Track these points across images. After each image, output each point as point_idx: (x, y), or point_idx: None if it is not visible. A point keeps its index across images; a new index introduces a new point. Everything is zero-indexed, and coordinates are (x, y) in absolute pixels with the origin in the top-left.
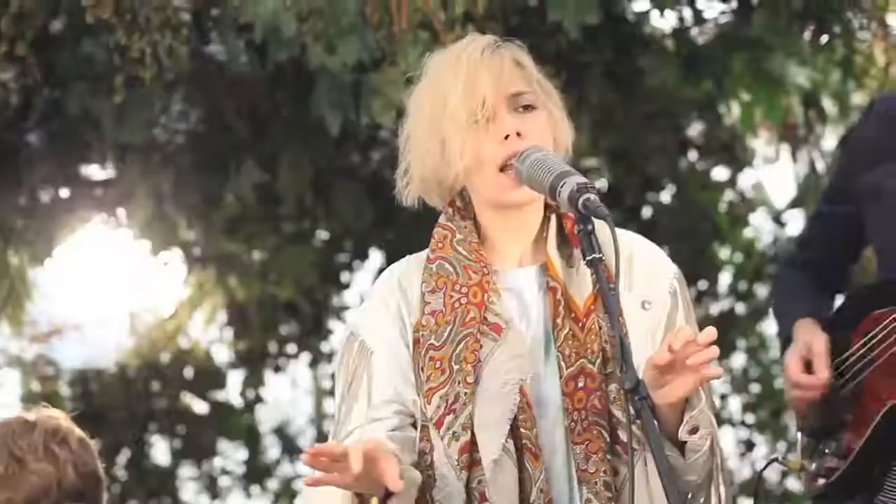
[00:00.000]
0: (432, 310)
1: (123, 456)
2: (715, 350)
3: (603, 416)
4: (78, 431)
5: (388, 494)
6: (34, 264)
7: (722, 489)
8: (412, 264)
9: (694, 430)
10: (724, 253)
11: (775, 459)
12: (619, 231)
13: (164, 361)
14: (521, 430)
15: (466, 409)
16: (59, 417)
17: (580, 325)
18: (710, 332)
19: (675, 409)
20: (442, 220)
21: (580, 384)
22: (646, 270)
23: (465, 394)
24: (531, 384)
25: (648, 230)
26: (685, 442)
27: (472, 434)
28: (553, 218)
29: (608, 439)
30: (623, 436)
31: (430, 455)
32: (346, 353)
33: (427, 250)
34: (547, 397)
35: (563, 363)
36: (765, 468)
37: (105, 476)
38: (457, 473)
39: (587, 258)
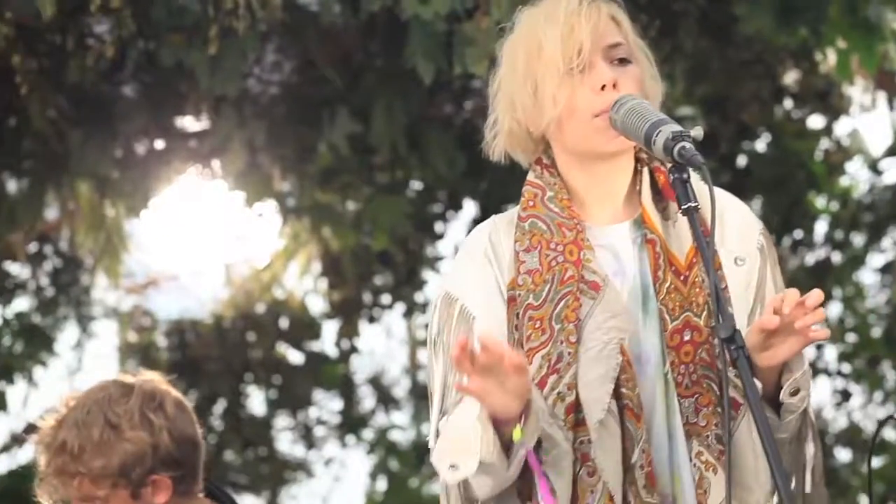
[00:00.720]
0: (528, 269)
1: (220, 406)
2: (822, 313)
3: (711, 369)
4: (175, 395)
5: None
6: (130, 216)
7: (810, 446)
8: (500, 223)
9: (794, 392)
10: (819, 202)
11: (891, 417)
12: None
13: (260, 312)
14: (623, 389)
15: (571, 370)
16: (157, 381)
17: (682, 278)
18: (818, 295)
19: (774, 371)
20: (530, 177)
21: (686, 338)
22: (736, 227)
23: (569, 353)
24: (629, 342)
25: (743, 179)
26: (780, 402)
27: (577, 394)
28: (645, 171)
29: (718, 392)
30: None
31: None
32: (446, 316)
33: (516, 208)
34: (646, 354)
35: (666, 316)
36: (882, 425)
37: (202, 436)
38: (564, 434)
39: (683, 206)
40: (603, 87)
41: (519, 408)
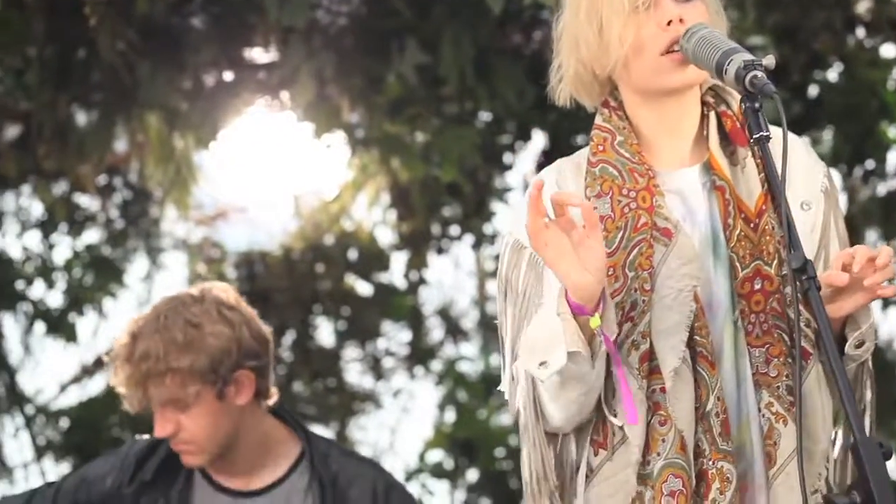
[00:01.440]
0: (600, 215)
1: (288, 338)
2: (892, 270)
3: (782, 319)
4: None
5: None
6: (199, 148)
7: (868, 392)
8: (567, 168)
9: (860, 345)
10: (892, 132)
11: None
12: (772, 128)
13: (328, 244)
14: (697, 337)
15: (645, 317)
16: (225, 287)
17: (752, 225)
18: (888, 253)
19: (838, 322)
20: (598, 121)
21: (756, 286)
22: (802, 169)
23: (643, 301)
24: (700, 289)
25: (814, 109)
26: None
27: (650, 343)
28: (712, 116)
29: (788, 343)
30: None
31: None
32: (515, 263)
33: (582, 152)
34: (716, 301)
35: (737, 265)
36: None
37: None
38: (639, 382)
39: (754, 136)
40: (669, 23)
41: (595, 288)
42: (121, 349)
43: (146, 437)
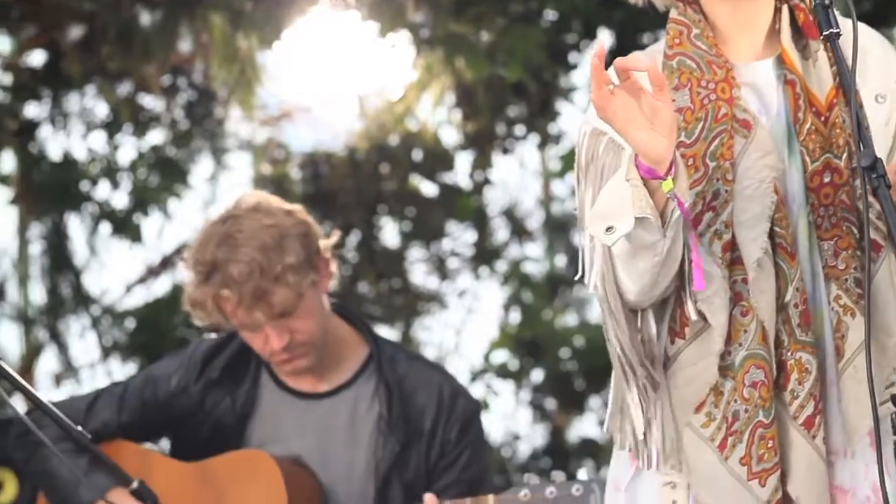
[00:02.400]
0: (679, 107)
1: (353, 238)
2: None
3: (851, 212)
4: None
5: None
6: (263, 47)
7: None
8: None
9: None
10: None
11: None
12: (845, 20)
13: (393, 144)
14: (777, 228)
15: (727, 207)
16: (242, 195)
17: (822, 118)
18: None
19: None
20: (673, 14)
21: (826, 179)
22: (877, 62)
23: (726, 191)
24: (778, 182)
25: (887, 3)
26: None
27: (733, 233)
28: (785, 9)
29: (857, 235)
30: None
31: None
32: (593, 148)
33: (655, 46)
34: (791, 194)
35: (807, 158)
36: None
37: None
38: (722, 271)
39: (824, 33)
40: None
41: (667, 151)
42: (211, 284)
43: (213, 335)
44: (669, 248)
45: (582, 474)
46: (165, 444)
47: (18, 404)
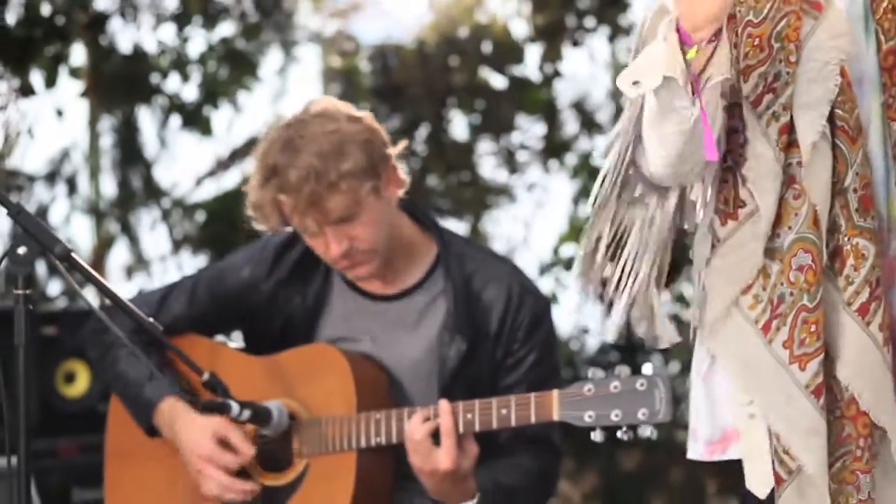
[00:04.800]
0: None
1: (422, 131)
2: None
3: None
4: None
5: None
6: None
7: None
8: None
9: None
10: None
11: None
12: None
13: (462, 36)
14: (839, 111)
15: (788, 90)
16: (308, 102)
17: None
18: None
19: None
20: None
21: None
22: None
23: (787, 73)
24: (850, 63)
25: None
26: None
27: (791, 116)
28: None
29: None
30: None
31: (742, 134)
32: (654, 24)
33: None
34: (867, 75)
35: (881, 37)
36: None
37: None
38: (776, 154)
39: None
40: None
41: (706, 17)
42: (269, 188)
43: (287, 229)
44: (699, 119)
45: (647, 369)
46: (238, 338)
47: (91, 297)
